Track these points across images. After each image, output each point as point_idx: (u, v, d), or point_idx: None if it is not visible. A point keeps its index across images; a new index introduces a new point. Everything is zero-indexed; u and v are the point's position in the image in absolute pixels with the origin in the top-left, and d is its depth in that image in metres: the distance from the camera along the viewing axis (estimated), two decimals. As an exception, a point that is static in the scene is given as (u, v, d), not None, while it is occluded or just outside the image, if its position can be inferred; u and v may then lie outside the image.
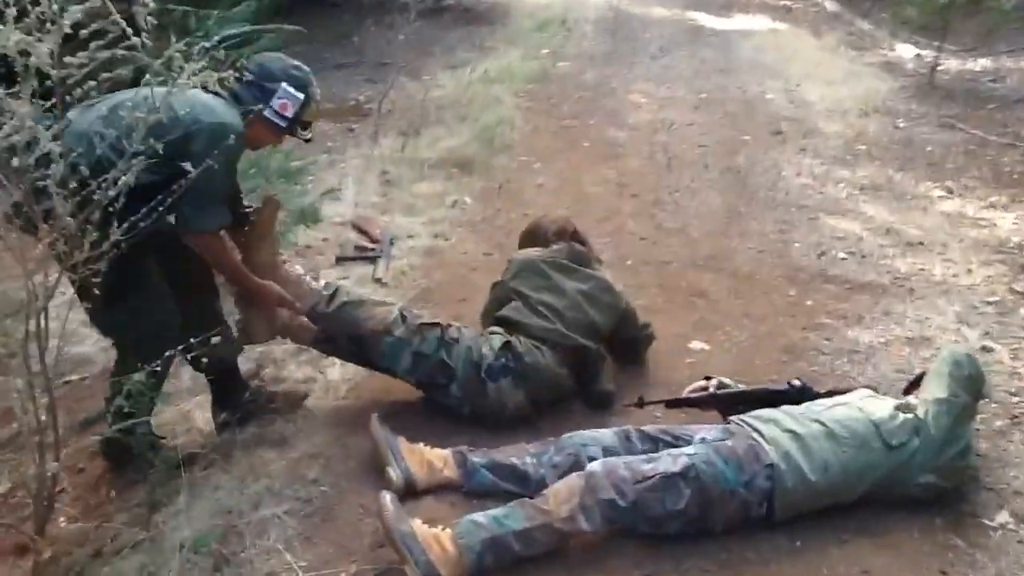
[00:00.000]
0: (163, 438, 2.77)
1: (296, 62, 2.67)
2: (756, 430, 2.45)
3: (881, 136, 6.04)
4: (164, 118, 2.04)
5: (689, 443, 2.50)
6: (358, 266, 3.96)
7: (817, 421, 2.46)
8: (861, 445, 2.41)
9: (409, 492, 2.47)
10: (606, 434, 2.58)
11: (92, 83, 1.79)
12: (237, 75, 2.46)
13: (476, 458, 2.54)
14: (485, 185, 5.03)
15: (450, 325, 2.88)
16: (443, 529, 2.23)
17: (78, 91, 1.79)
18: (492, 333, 2.89)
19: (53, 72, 1.71)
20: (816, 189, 5.08)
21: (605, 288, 3.09)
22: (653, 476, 2.29)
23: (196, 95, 2.36)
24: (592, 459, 2.46)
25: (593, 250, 3.33)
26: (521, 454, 2.55)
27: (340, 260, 3.99)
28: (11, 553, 2.46)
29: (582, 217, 4.45)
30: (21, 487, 2.53)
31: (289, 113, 2.60)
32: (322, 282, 2.92)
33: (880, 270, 4.06)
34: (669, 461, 2.33)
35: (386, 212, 4.54)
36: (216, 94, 2.41)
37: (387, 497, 2.27)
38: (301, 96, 2.62)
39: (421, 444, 2.60)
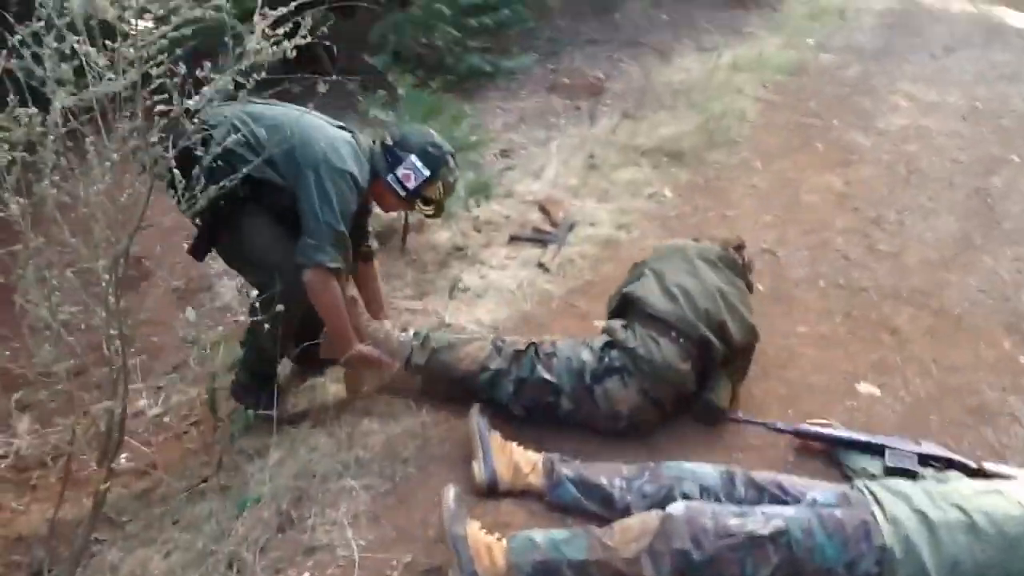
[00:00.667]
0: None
1: (438, 140, 2.76)
2: (879, 502, 2.11)
3: None
4: (296, 142, 2.22)
5: (797, 502, 2.22)
6: (529, 247, 3.89)
7: (958, 507, 2.06)
8: (1009, 548, 1.98)
9: (491, 491, 2.41)
10: (709, 471, 2.36)
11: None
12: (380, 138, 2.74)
13: (564, 470, 2.41)
14: (692, 179, 4.77)
15: (543, 341, 2.74)
16: (499, 539, 2.14)
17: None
18: (601, 335, 2.73)
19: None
20: (1085, 229, 4.33)
21: (746, 303, 2.86)
22: (738, 534, 2.04)
23: (335, 136, 2.63)
24: (686, 496, 2.27)
25: (751, 271, 3.04)
26: (612, 475, 2.39)
27: (513, 239, 3.95)
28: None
29: (786, 226, 4.15)
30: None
31: (411, 185, 2.69)
32: (411, 332, 2.83)
33: None
34: (761, 520, 2.06)
35: (578, 196, 4.43)
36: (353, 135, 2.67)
37: (450, 494, 2.22)
38: (427, 172, 2.69)
39: (515, 444, 2.52)
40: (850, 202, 4.55)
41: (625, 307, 2.81)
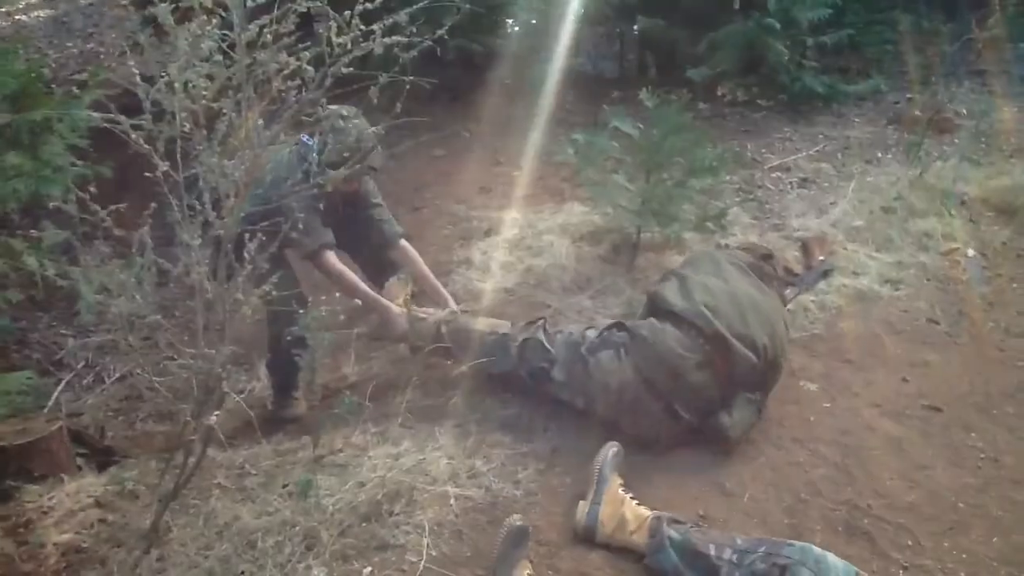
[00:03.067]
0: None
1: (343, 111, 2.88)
2: None
3: None
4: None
5: None
6: (768, 288, 3.54)
7: None
8: None
9: (587, 538, 2.27)
10: (840, 569, 2.00)
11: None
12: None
13: (672, 532, 2.19)
14: (1012, 242, 4.02)
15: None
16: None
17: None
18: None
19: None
20: None
21: (780, 315, 2.69)
22: None
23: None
24: None
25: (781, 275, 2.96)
26: (723, 546, 2.14)
27: (754, 275, 3.61)
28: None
29: None
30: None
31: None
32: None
33: None
34: None
35: (855, 240, 3.94)
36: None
37: (509, 530, 2.13)
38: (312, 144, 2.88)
39: (630, 496, 2.33)
40: None
41: (650, 309, 2.74)
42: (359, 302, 3.02)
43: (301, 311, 2.43)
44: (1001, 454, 2.66)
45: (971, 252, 3.90)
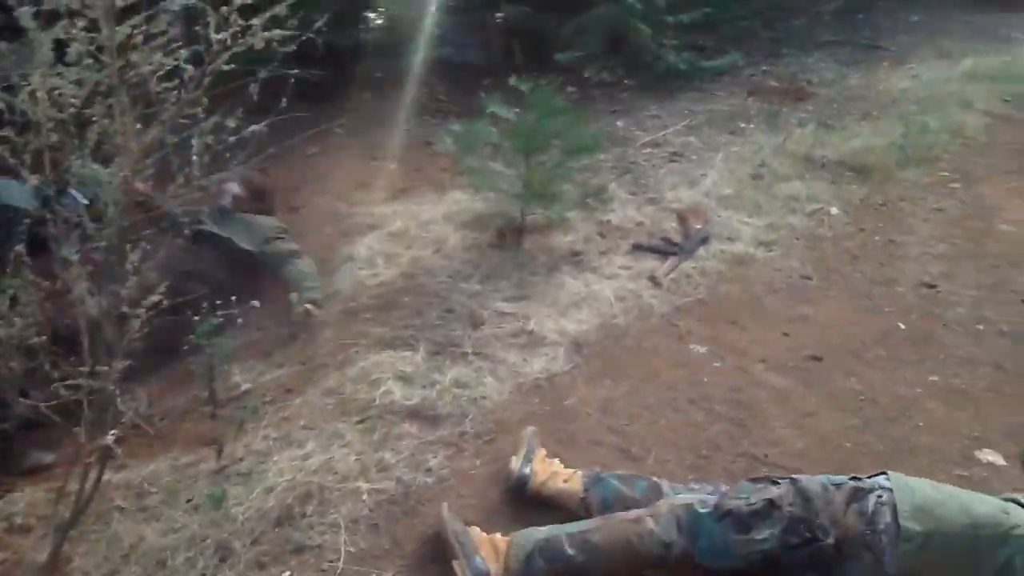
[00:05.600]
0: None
1: None
2: None
3: None
4: None
5: None
6: (651, 258, 3.66)
7: None
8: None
9: (519, 487, 2.32)
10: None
11: None
12: None
13: (606, 475, 2.27)
14: (868, 198, 4.27)
15: None
16: (501, 535, 2.10)
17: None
18: None
19: None
20: None
21: None
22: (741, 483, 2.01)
23: None
24: None
25: None
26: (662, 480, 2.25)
27: (636, 247, 3.72)
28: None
29: (960, 260, 3.68)
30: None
31: None
32: None
33: None
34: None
35: (728, 208, 4.10)
36: None
37: (446, 507, 2.19)
38: None
39: (557, 460, 2.39)
40: (1056, 239, 3.87)
41: None
42: None
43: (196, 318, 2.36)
44: (878, 395, 2.84)
45: (834, 210, 4.12)
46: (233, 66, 1.72)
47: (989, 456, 2.56)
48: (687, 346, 3.10)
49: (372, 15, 6.53)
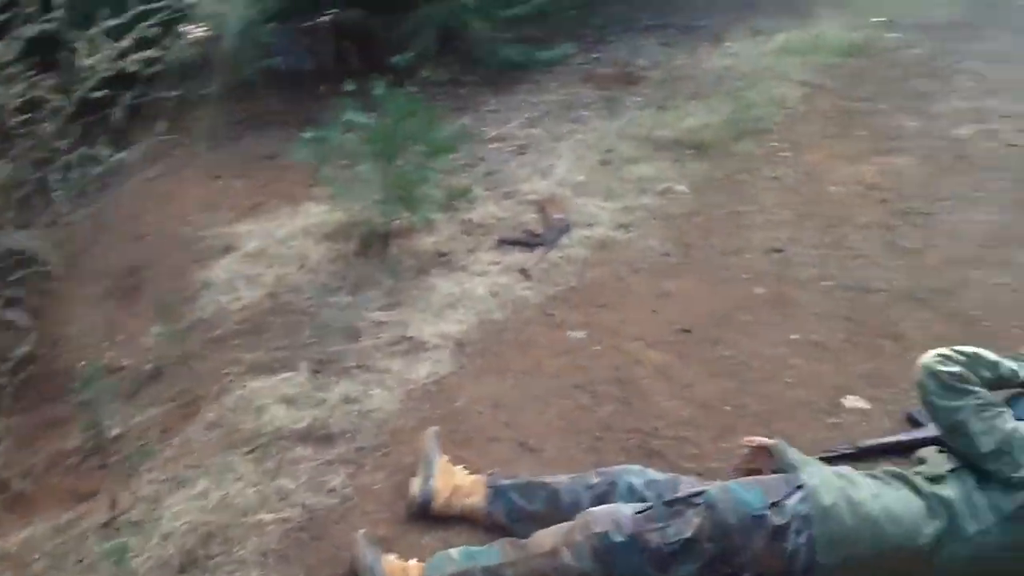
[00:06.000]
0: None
1: None
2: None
3: None
4: None
5: None
6: (517, 252, 3.72)
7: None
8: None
9: (422, 511, 2.29)
10: (660, 474, 2.20)
11: None
12: None
13: (506, 481, 2.28)
14: (710, 173, 4.49)
15: None
16: (416, 562, 2.05)
17: None
18: None
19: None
20: None
21: None
22: (655, 505, 1.95)
23: None
24: (631, 486, 2.14)
25: None
26: (557, 474, 2.27)
27: (502, 242, 3.78)
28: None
29: (803, 222, 3.89)
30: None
31: None
32: None
33: None
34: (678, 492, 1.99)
35: (583, 195, 4.22)
36: None
37: (361, 538, 2.13)
38: None
39: (460, 467, 2.38)
40: (879, 193, 4.19)
41: None
42: None
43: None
44: (747, 358, 3.00)
45: (681, 188, 4.32)
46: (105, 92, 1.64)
47: (855, 403, 2.76)
48: (565, 333, 3.18)
49: (194, 28, 6.29)
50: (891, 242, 3.73)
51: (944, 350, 1.99)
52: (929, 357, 1.99)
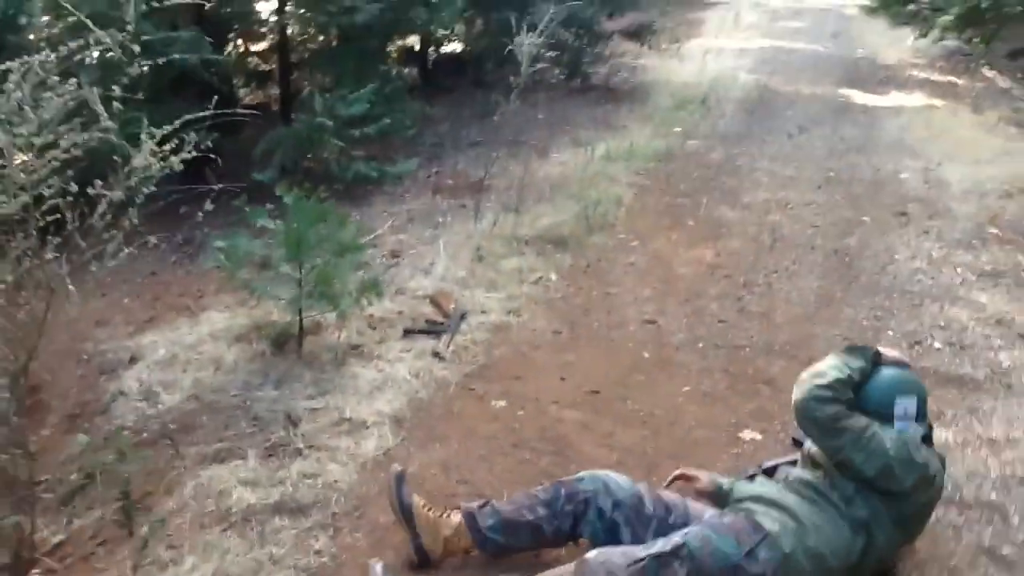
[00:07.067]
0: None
1: None
2: (751, 509, 2.37)
3: (1020, 219, 5.57)
4: None
5: (699, 520, 2.40)
6: (423, 339, 4.02)
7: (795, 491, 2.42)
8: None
9: (423, 564, 2.52)
10: (623, 484, 2.51)
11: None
12: None
13: (487, 521, 2.51)
14: (574, 263, 5.03)
15: None
16: None
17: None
18: None
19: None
20: (928, 274, 4.74)
21: None
22: (645, 557, 2.20)
23: None
24: (600, 510, 2.45)
25: None
26: (532, 506, 2.51)
27: (408, 332, 4.07)
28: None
29: (664, 298, 4.42)
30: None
31: None
32: None
33: (978, 363, 3.74)
34: (662, 543, 2.25)
35: (468, 287, 4.60)
36: None
37: (377, 568, 2.33)
38: None
39: (433, 512, 2.58)
40: (721, 271, 4.87)
41: None
42: None
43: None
44: (652, 408, 3.45)
45: (553, 276, 4.81)
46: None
47: (750, 435, 3.25)
48: (489, 403, 3.50)
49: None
50: (742, 308, 4.36)
51: (815, 390, 2.37)
52: (804, 398, 2.38)
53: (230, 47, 7.76)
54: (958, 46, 12.30)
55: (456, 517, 2.56)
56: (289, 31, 7.74)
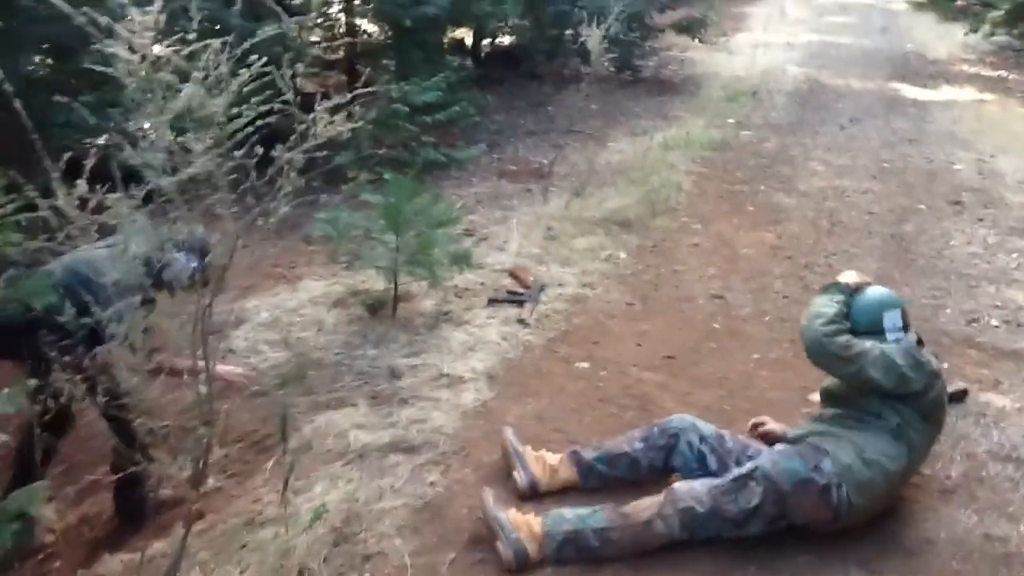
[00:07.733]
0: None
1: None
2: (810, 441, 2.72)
3: (1074, 209, 5.76)
4: None
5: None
6: (507, 308, 4.31)
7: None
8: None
9: (532, 494, 2.81)
10: (707, 425, 2.87)
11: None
12: None
13: (589, 455, 2.85)
14: (641, 243, 5.29)
15: None
16: (535, 516, 2.57)
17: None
18: None
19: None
20: (984, 259, 4.96)
21: None
22: (724, 481, 2.56)
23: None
24: (690, 443, 2.80)
25: None
26: (631, 439, 2.86)
27: (492, 302, 4.37)
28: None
29: (729, 276, 4.67)
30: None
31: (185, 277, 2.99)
32: None
33: (1033, 339, 3.96)
34: (738, 470, 2.60)
35: (543, 263, 4.89)
36: None
37: (488, 492, 2.64)
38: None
39: (543, 451, 2.92)
40: (783, 252, 5.12)
41: None
42: None
43: None
44: (727, 373, 3.72)
45: (622, 255, 5.08)
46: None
47: (818, 397, 3.50)
48: (573, 365, 3.79)
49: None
50: (805, 286, 4.61)
51: (823, 327, 2.71)
52: (814, 338, 2.71)
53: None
54: (1008, 41, 12.38)
55: (560, 455, 2.87)
56: (357, 21, 8.09)
